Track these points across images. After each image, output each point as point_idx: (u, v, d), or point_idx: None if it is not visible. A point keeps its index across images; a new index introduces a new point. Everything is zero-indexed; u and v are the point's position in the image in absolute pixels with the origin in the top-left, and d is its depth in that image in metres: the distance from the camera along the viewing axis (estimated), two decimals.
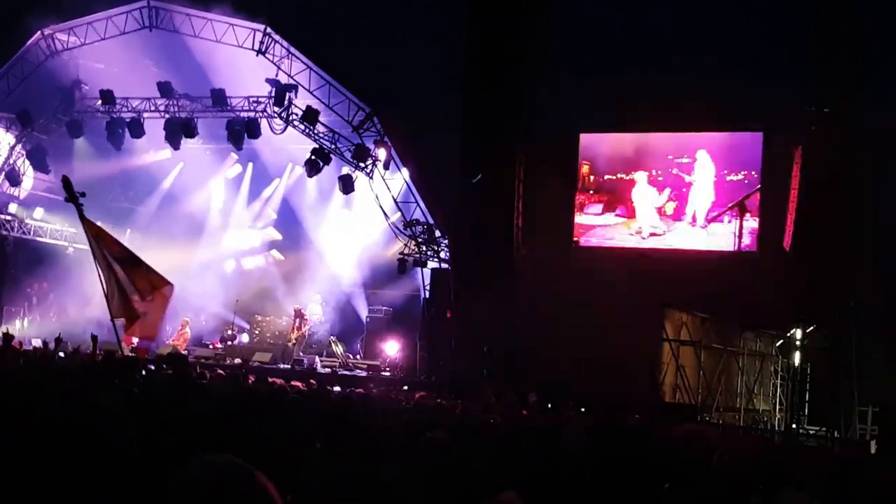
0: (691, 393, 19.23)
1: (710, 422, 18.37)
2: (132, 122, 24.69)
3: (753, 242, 20.14)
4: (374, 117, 22.61)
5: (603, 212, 21.88)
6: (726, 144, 21.07)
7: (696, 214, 21.00)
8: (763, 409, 20.93)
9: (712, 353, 20.14)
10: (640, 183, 21.51)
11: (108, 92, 24.67)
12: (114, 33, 24.55)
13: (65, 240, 28.53)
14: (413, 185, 23.29)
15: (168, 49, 24.24)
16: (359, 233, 26.75)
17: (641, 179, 21.49)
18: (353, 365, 23.41)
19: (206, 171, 28.28)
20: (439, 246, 22.83)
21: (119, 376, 9.86)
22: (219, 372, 13.35)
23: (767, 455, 8.35)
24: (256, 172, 28.55)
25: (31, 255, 28.05)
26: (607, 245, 21.75)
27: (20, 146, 26.57)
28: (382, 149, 22.64)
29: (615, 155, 21.99)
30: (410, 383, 19.46)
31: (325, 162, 23.19)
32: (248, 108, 23.93)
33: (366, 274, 26.84)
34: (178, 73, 24.24)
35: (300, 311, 24.42)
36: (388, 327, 24.45)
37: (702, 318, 20.03)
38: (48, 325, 26.77)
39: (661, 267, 20.37)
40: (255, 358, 23.21)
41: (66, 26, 25.15)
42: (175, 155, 26.83)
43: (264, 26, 23.01)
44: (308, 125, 23.13)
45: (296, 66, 23.18)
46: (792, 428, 18.56)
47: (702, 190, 20.98)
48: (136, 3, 24.16)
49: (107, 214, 29.33)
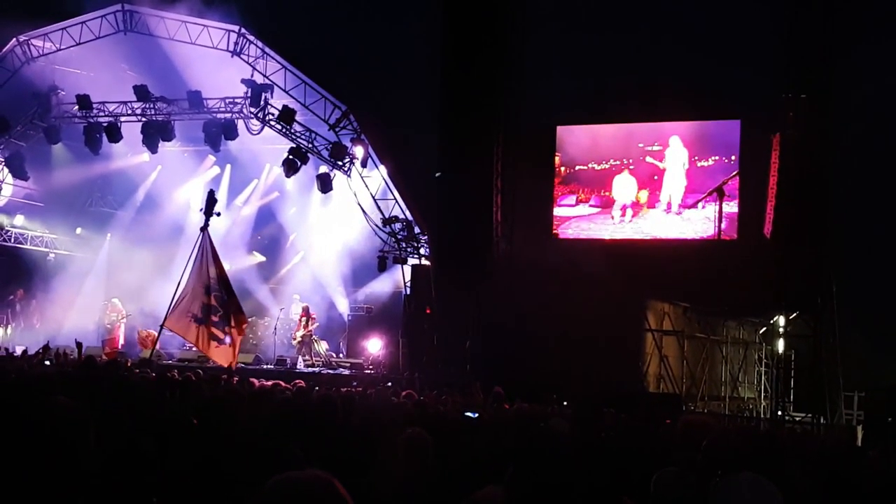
0: (675, 383, 19.29)
1: (696, 411, 18.43)
2: (109, 127, 24.54)
3: (731, 228, 20.17)
4: (350, 115, 22.54)
5: (577, 203, 21.92)
6: (699, 130, 21.12)
7: (671, 201, 21.03)
8: (748, 397, 21.01)
9: (695, 343, 20.21)
10: (620, 175, 21.55)
11: (84, 97, 24.52)
12: (89, 38, 24.43)
13: (45, 246, 28.37)
14: (391, 182, 23.23)
15: (143, 52, 24.10)
16: (338, 231, 26.69)
17: (622, 172, 21.54)
18: (336, 363, 23.37)
19: (184, 173, 28.17)
20: (419, 242, 22.78)
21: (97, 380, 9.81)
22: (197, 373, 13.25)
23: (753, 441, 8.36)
24: (235, 173, 28.44)
25: (12, 263, 27.87)
26: (584, 236, 21.77)
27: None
28: (360, 146, 22.58)
29: (587, 146, 22.01)
30: (394, 380, 19.43)
31: (303, 161, 23.11)
32: (225, 110, 23.82)
33: (346, 272, 26.77)
34: (154, 76, 24.11)
35: (307, 310, 24.32)
36: (370, 325, 24.39)
37: (684, 308, 20.10)
38: (31, 332, 26.64)
39: (641, 257, 20.44)
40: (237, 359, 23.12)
41: (41, 32, 25.00)
42: (153, 158, 26.71)
43: (238, 27, 22.93)
44: (285, 125, 23.04)
45: (271, 66, 23.10)
46: (777, 415, 18.63)
47: (675, 176, 21.02)
48: (111, 7, 24.03)
49: (87, 219, 29.26)
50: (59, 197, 28.24)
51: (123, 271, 27.05)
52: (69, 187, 27.87)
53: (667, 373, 19.22)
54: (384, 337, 23.11)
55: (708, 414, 17.29)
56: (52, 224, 28.43)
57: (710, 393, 20.22)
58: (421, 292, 21.90)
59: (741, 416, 19.33)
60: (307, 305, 24.58)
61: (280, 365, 22.29)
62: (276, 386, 11.24)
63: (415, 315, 21.81)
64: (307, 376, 18.87)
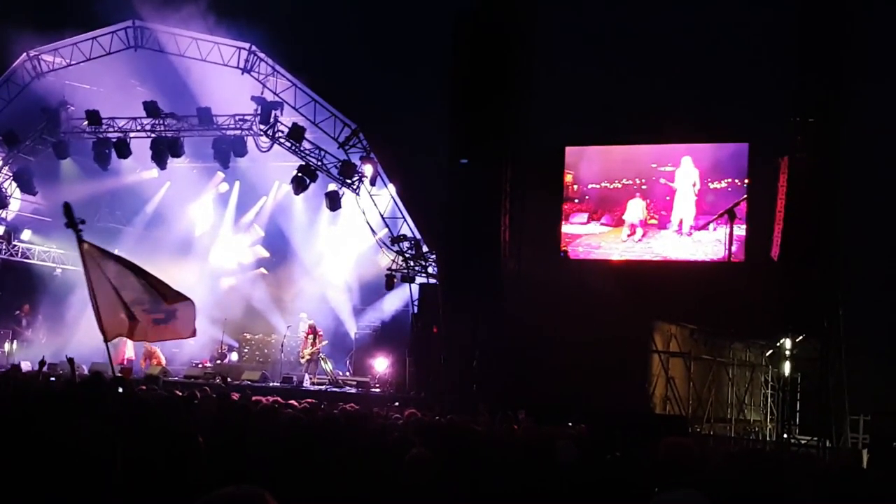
0: (682, 404, 19.21)
1: (701, 433, 18.37)
2: (118, 143, 24.63)
3: (740, 251, 20.15)
4: (359, 133, 22.62)
5: (588, 220, 21.90)
6: (711, 152, 21.12)
7: (682, 222, 21.03)
8: (754, 420, 20.92)
9: (702, 364, 20.13)
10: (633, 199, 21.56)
11: (94, 112, 24.64)
12: (99, 53, 24.58)
13: (53, 261, 28.44)
14: (400, 201, 23.27)
15: (153, 68, 24.25)
16: (346, 249, 26.73)
17: (635, 196, 21.56)
18: (343, 382, 23.34)
19: (193, 189, 28.25)
20: (427, 261, 22.79)
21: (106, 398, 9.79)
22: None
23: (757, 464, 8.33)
24: (243, 190, 28.54)
25: (19, 278, 27.94)
26: (594, 257, 21.75)
27: (7, 168, 26.49)
28: (369, 165, 22.65)
29: (599, 164, 22.03)
30: (401, 399, 19.40)
31: (312, 179, 23.19)
32: (234, 127, 23.92)
33: (354, 290, 26.81)
34: (164, 93, 24.23)
35: (314, 328, 24.32)
36: (378, 343, 24.37)
37: (690, 329, 20.04)
38: (37, 347, 26.65)
39: (649, 278, 20.40)
40: (244, 376, 23.13)
41: (51, 47, 25.15)
42: (162, 174, 26.84)
43: (249, 45, 23.06)
44: (294, 142, 23.14)
45: (281, 84, 23.22)
46: (783, 438, 18.55)
47: (686, 197, 21.02)
48: (122, 24, 24.17)
49: (94, 235, 28.85)
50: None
51: None
52: (77, 203, 27.53)
53: (673, 394, 19.14)
54: (391, 356, 23.07)
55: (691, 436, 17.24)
56: (59, 239, 28.44)
57: (716, 415, 20.13)
58: (429, 311, 21.87)
59: (747, 439, 19.24)
60: (313, 323, 24.58)
61: (286, 383, 22.27)
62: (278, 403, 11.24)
63: (422, 334, 21.78)
64: (314, 394, 18.87)
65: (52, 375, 17.79)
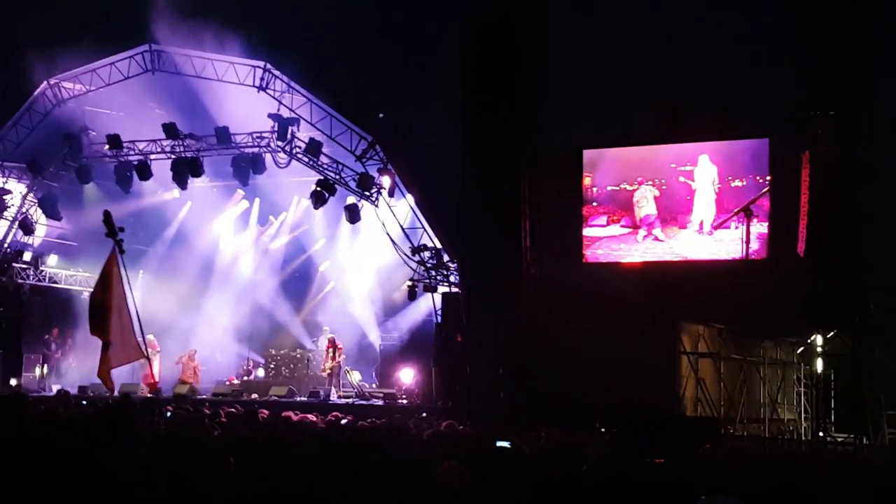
0: (713, 406, 19.03)
1: (735, 434, 18.20)
2: (140, 165, 24.82)
3: (762, 248, 19.95)
4: (376, 146, 22.63)
5: (608, 223, 21.75)
6: (729, 149, 20.90)
7: (703, 221, 20.84)
8: (788, 419, 20.66)
9: (732, 364, 19.94)
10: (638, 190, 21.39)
11: (114, 136, 24.86)
12: (118, 78, 24.79)
13: (79, 285, 28.62)
14: (419, 211, 23.26)
15: (171, 90, 24.40)
16: (368, 261, 26.76)
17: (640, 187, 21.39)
18: (370, 394, 23.33)
19: (213, 208, 28.43)
20: (448, 270, 22.74)
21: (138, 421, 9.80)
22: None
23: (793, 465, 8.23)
24: (263, 207, 28.70)
25: (47, 303, 28.20)
26: (614, 259, 21.58)
27: (31, 195, 26.74)
28: (386, 176, 22.64)
29: (617, 166, 21.86)
30: (428, 410, 19.37)
31: (331, 193, 23.23)
32: (252, 144, 24.03)
33: (377, 302, 26.85)
34: (182, 114, 24.38)
35: (334, 341, 24.37)
36: (403, 354, 24.41)
37: (718, 329, 19.86)
38: (67, 371, 26.87)
39: (672, 278, 20.21)
40: (271, 392, 23.21)
41: (70, 75, 25.40)
42: (183, 194, 27.01)
43: (264, 63, 23.16)
44: (311, 157, 23.20)
45: (297, 100, 23.30)
46: (819, 436, 18.34)
47: (705, 196, 20.83)
48: (138, 48, 24.37)
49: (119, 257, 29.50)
50: (92, 236, 28.43)
51: (157, 307, 27.22)
52: (101, 226, 28.06)
53: (704, 396, 18.96)
54: (417, 366, 23.05)
55: (748, 440, 17.08)
56: (85, 263, 28.67)
57: (748, 415, 19.92)
58: (452, 320, 21.80)
59: (782, 438, 19.03)
60: (333, 336, 24.65)
61: (313, 397, 22.32)
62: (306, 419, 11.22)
63: (446, 343, 21.71)
64: (340, 408, 18.87)
65: (84, 399, 17.86)
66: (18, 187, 26.77)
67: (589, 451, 8.63)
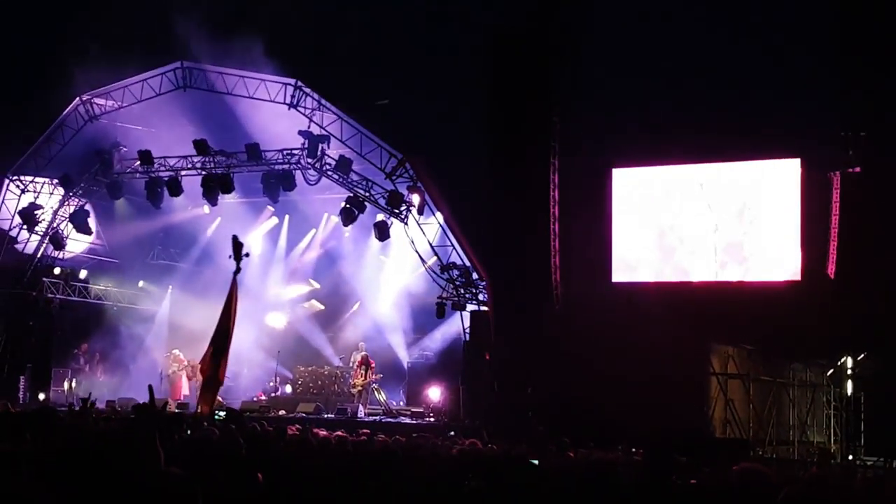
0: (742, 427, 18.89)
1: (764, 456, 18.03)
2: (170, 181, 25.01)
3: (796, 270, 19.82)
4: (406, 163, 22.69)
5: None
6: (758, 170, 20.74)
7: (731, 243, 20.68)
8: (817, 441, 20.46)
9: (761, 386, 19.79)
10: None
11: (146, 152, 25.04)
12: (150, 95, 24.98)
13: (109, 300, 28.85)
14: (448, 229, 23.26)
15: (202, 107, 24.57)
16: (397, 279, 26.80)
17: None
18: (397, 412, 23.30)
19: (243, 224, 28.45)
20: (477, 288, 22.71)
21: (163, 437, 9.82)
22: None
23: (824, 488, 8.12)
24: (293, 224, 28.83)
25: (76, 317, 28.42)
26: (644, 279, 21.45)
27: (63, 209, 26.99)
28: (416, 194, 22.70)
29: (646, 186, 21.75)
30: (455, 428, 19.31)
31: (360, 210, 23.31)
32: (283, 161, 24.15)
33: (406, 319, 26.85)
34: (213, 130, 24.55)
35: (367, 359, 24.32)
36: (431, 372, 24.35)
37: (748, 351, 19.72)
38: (95, 385, 27.03)
39: (701, 299, 20.08)
40: (299, 409, 23.24)
41: (103, 91, 25.62)
42: (213, 210, 27.12)
43: (295, 80, 23.29)
44: (341, 174, 23.31)
45: (327, 118, 23.40)
46: (849, 459, 18.14)
47: (733, 217, 20.70)
48: (171, 65, 24.57)
49: (149, 272, 29.74)
50: (122, 251, 28.80)
51: (185, 322, 27.39)
52: (131, 241, 28.40)
53: (733, 417, 18.83)
54: (444, 384, 23.01)
55: (762, 461, 16.90)
56: (115, 277, 28.94)
57: (777, 437, 19.75)
58: (480, 338, 21.79)
59: (811, 462, 18.82)
60: (366, 354, 24.60)
61: (341, 414, 22.29)
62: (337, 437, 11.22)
63: (474, 362, 21.68)
64: (369, 425, 18.85)
65: (112, 415, 17.91)
66: (50, 202, 27.04)
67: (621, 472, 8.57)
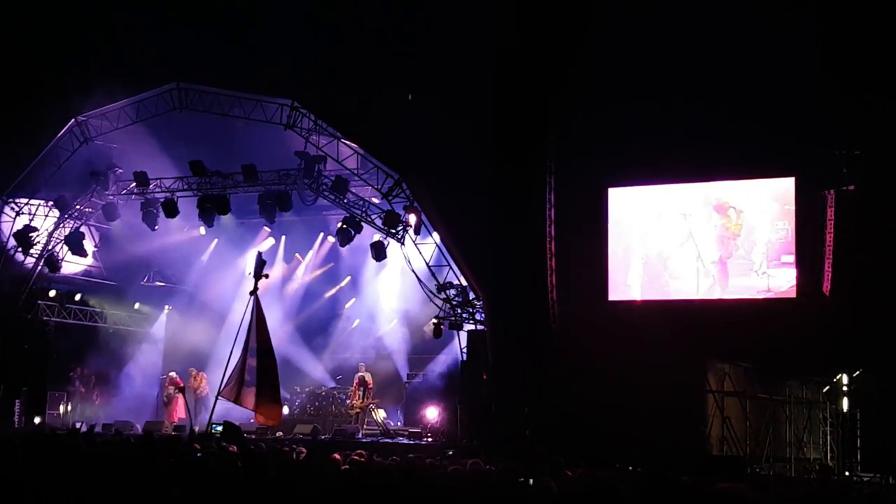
0: (739, 444, 18.90)
1: (761, 473, 18.04)
2: (166, 203, 24.93)
3: (791, 288, 19.91)
4: (402, 183, 22.75)
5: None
6: (753, 189, 20.86)
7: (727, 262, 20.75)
8: (814, 458, 20.48)
9: (758, 403, 19.82)
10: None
11: (141, 174, 25.01)
12: (145, 116, 24.92)
13: (105, 322, 28.79)
14: (445, 249, 23.30)
15: (198, 128, 24.54)
16: (393, 299, 26.82)
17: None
18: (395, 432, 23.27)
19: (240, 245, 28.55)
20: (474, 308, 22.74)
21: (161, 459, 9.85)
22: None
23: None
24: (289, 244, 28.83)
25: (72, 339, 28.30)
26: (639, 297, 21.51)
27: (58, 232, 26.93)
28: (413, 214, 22.75)
29: (642, 205, 21.84)
30: (453, 448, 19.30)
31: (357, 230, 23.37)
32: (279, 182, 24.17)
33: (402, 339, 26.87)
34: (209, 151, 24.53)
35: (364, 380, 24.30)
36: (429, 392, 24.35)
37: (744, 368, 19.77)
38: (91, 408, 26.98)
39: (697, 317, 20.14)
40: (296, 430, 23.18)
41: (98, 112, 25.52)
42: (209, 231, 27.12)
43: (291, 101, 23.33)
44: (338, 195, 23.35)
45: (323, 138, 23.45)
46: (846, 475, 18.15)
47: (727, 235, 20.78)
48: (166, 86, 24.52)
49: (145, 294, 29.72)
50: (118, 272, 28.75)
51: (181, 344, 27.38)
52: (127, 263, 28.35)
53: (730, 434, 18.84)
54: (442, 404, 22.99)
55: (759, 478, 16.94)
56: (110, 300, 28.89)
57: (774, 454, 19.76)
58: (477, 358, 21.80)
59: (807, 478, 18.83)
60: (363, 375, 24.59)
61: (339, 435, 22.24)
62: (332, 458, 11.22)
63: (472, 381, 21.69)
64: (366, 446, 18.84)
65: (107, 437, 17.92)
66: (45, 224, 26.98)
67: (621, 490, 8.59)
